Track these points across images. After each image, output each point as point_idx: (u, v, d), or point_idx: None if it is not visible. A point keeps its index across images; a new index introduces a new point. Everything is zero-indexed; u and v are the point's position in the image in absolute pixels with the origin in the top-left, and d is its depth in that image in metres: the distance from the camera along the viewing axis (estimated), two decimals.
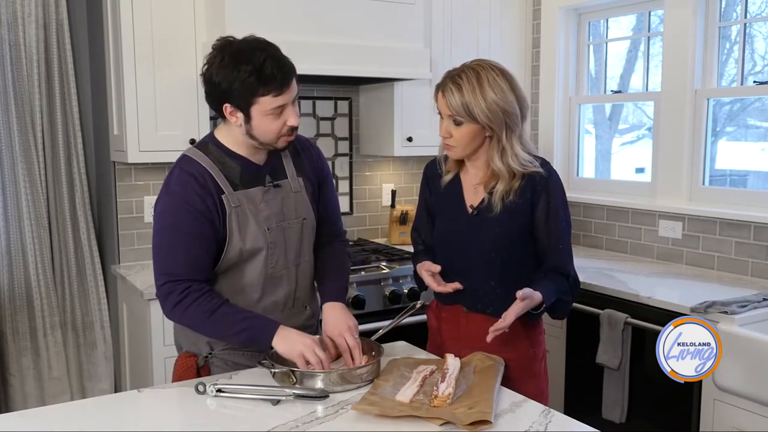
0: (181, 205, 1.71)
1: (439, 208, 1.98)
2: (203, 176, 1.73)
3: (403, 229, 3.47)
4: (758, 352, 2.09)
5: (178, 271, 1.71)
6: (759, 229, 2.74)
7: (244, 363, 1.81)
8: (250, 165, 1.79)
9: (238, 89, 1.65)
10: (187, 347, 1.86)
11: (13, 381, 3.03)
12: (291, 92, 1.70)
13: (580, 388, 2.78)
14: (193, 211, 1.70)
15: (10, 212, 2.99)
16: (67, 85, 3.06)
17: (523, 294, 1.70)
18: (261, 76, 1.64)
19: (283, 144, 1.76)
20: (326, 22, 2.82)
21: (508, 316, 1.70)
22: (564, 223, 1.88)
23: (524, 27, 3.62)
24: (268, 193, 1.80)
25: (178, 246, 1.71)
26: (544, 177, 1.85)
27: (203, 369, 1.81)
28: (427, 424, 1.42)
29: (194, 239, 1.71)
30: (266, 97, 1.66)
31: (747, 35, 2.96)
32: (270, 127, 1.71)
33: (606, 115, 3.70)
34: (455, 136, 1.83)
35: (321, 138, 3.45)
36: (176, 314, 1.73)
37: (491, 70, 1.81)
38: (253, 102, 1.67)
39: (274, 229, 1.79)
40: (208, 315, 1.69)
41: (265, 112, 1.68)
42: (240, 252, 1.75)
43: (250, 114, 1.69)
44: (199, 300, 1.69)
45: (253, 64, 1.64)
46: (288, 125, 1.71)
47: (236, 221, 1.74)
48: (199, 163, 1.75)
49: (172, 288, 1.70)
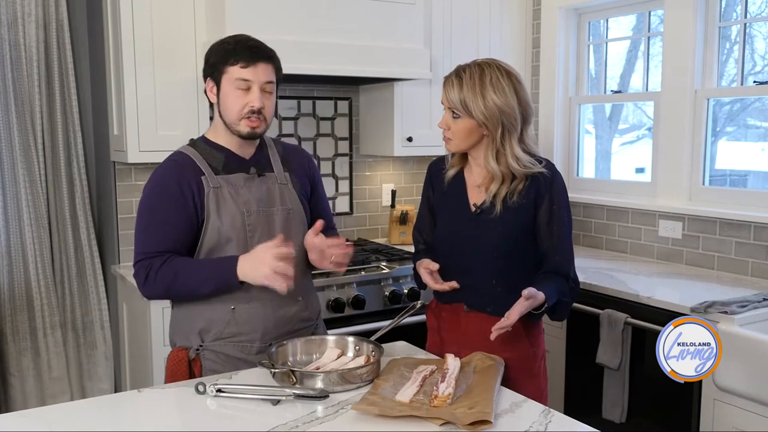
0: (157, 188, 1.81)
1: (442, 205, 1.98)
2: (184, 161, 1.83)
3: (403, 229, 3.47)
4: (758, 352, 2.09)
5: (150, 249, 1.79)
6: (759, 229, 2.74)
7: (234, 354, 1.83)
8: (234, 156, 1.88)
9: (214, 57, 1.81)
10: (180, 342, 1.88)
11: (13, 381, 3.03)
12: (260, 72, 1.79)
13: (580, 388, 2.78)
14: (168, 193, 1.79)
15: (10, 212, 2.99)
16: (67, 85, 3.06)
17: (528, 293, 1.70)
18: (235, 48, 1.79)
19: (246, 128, 1.81)
20: (326, 22, 2.82)
21: (511, 315, 1.70)
22: (566, 225, 1.88)
23: (524, 27, 3.62)
24: (251, 180, 1.86)
25: (149, 227, 1.81)
26: (548, 178, 1.86)
27: (194, 362, 1.83)
28: (427, 424, 1.42)
29: (167, 220, 1.79)
30: (234, 67, 1.78)
31: (747, 35, 2.96)
32: (233, 103, 1.79)
33: (606, 115, 3.70)
34: (452, 129, 1.85)
35: (321, 138, 3.46)
36: (148, 287, 1.79)
37: (497, 69, 1.82)
38: (223, 71, 1.79)
39: (255, 213, 1.84)
40: (173, 276, 1.76)
41: (231, 83, 1.78)
42: (218, 232, 1.80)
43: (220, 84, 1.81)
44: (163, 266, 1.77)
45: (235, 40, 1.82)
46: (249, 106, 1.79)
47: (214, 201, 1.81)
48: (184, 153, 1.86)
49: (141, 265, 1.79)
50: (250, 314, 1.83)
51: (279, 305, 1.85)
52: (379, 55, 2.93)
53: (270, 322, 1.84)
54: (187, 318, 1.86)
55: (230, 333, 1.83)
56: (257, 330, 1.83)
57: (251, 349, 1.83)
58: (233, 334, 1.83)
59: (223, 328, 1.83)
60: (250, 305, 1.82)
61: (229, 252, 1.80)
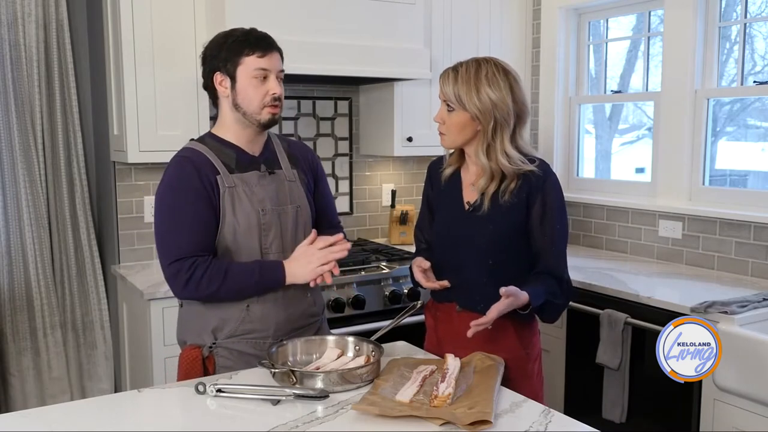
0: (177, 185, 1.78)
1: (439, 203, 1.99)
2: (199, 158, 1.81)
3: (403, 229, 3.47)
4: (758, 352, 2.09)
5: (182, 249, 1.76)
6: (759, 229, 2.74)
7: (247, 351, 1.84)
8: (245, 154, 1.87)
9: (227, 52, 1.80)
10: (191, 340, 1.88)
11: (13, 381, 3.03)
12: (275, 61, 1.81)
13: (580, 388, 2.78)
14: (190, 188, 1.77)
15: (10, 212, 2.99)
16: (67, 85, 3.06)
17: (507, 291, 1.68)
18: (247, 39, 1.79)
19: (267, 116, 1.82)
20: (326, 22, 2.82)
21: (491, 313, 1.69)
22: (559, 226, 1.87)
23: (524, 27, 3.62)
24: (264, 179, 1.86)
25: (178, 225, 1.77)
26: (541, 177, 1.84)
27: (208, 359, 1.84)
28: (427, 424, 1.42)
29: (193, 217, 1.77)
30: (251, 57, 1.78)
31: (747, 35, 2.96)
32: (254, 94, 1.79)
33: (606, 115, 3.70)
34: (447, 123, 1.86)
35: (321, 138, 3.46)
36: (190, 290, 1.76)
37: (494, 65, 1.83)
38: (239, 63, 1.79)
39: (269, 212, 1.85)
40: (221, 279, 1.75)
41: (250, 74, 1.78)
42: (234, 231, 1.80)
43: (236, 77, 1.80)
44: (209, 269, 1.75)
45: (241, 32, 1.82)
46: (271, 93, 1.79)
47: (230, 201, 1.80)
48: (195, 149, 1.83)
49: (179, 266, 1.74)
50: (263, 311, 1.84)
51: (290, 302, 1.88)
52: (379, 55, 2.93)
53: (282, 318, 1.87)
54: (200, 316, 1.86)
55: (244, 330, 1.84)
56: (270, 326, 1.85)
57: (264, 346, 1.84)
58: (247, 332, 1.84)
59: (237, 325, 1.84)
60: (263, 303, 1.84)
61: (244, 251, 1.82)
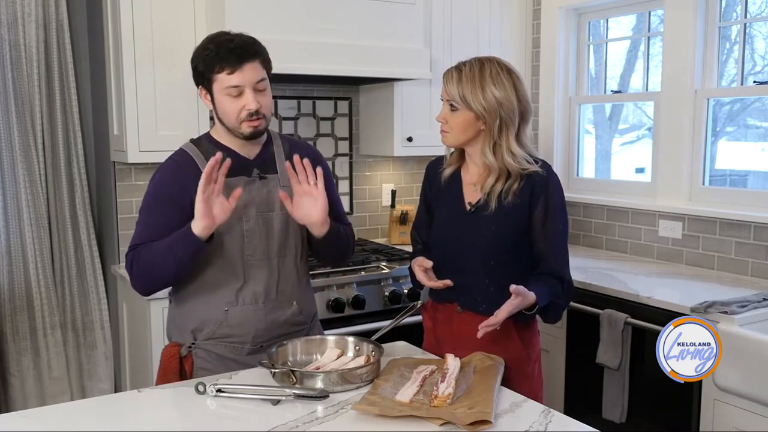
0: (155, 188, 1.82)
1: (438, 203, 1.98)
2: (185, 161, 1.82)
3: (403, 229, 3.47)
4: (758, 352, 2.09)
5: (138, 242, 1.79)
6: (759, 229, 2.74)
7: (225, 354, 1.84)
8: (238, 157, 1.84)
9: (202, 67, 1.76)
10: (175, 338, 1.91)
11: (13, 381, 3.03)
12: (248, 74, 1.73)
13: (580, 388, 2.78)
14: (164, 194, 1.80)
15: (10, 212, 2.99)
16: (67, 85, 3.06)
17: (517, 289, 1.67)
18: (218, 53, 1.72)
19: (248, 129, 1.79)
20: (326, 22, 2.82)
21: (500, 314, 1.69)
22: (561, 227, 1.87)
23: (524, 27, 3.62)
24: (252, 184, 1.84)
25: (145, 222, 1.81)
26: (544, 178, 1.85)
27: (186, 359, 1.84)
28: (427, 424, 1.42)
29: (160, 219, 1.78)
30: (221, 74, 1.73)
31: (747, 35, 2.96)
32: (229, 109, 1.76)
33: (606, 115, 3.70)
34: (450, 122, 1.85)
35: (321, 138, 3.46)
36: (135, 275, 1.79)
37: (497, 64, 1.84)
38: (212, 80, 1.75)
39: (253, 218, 1.83)
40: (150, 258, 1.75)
41: (222, 91, 1.74)
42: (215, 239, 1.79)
43: (212, 92, 1.77)
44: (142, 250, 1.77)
45: (215, 43, 1.74)
46: (246, 109, 1.75)
47: None
48: (186, 152, 1.85)
49: (128, 257, 1.79)
50: (243, 317, 1.84)
51: (272, 309, 1.86)
52: (379, 55, 2.93)
53: (261, 324, 1.85)
54: (182, 316, 1.88)
55: (222, 334, 1.84)
56: (249, 332, 1.84)
57: (242, 350, 1.85)
58: (225, 335, 1.84)
59: (215, 328, 1.84)
60: (243, 308, 1.83)
61: (227, 254, 1.81)
